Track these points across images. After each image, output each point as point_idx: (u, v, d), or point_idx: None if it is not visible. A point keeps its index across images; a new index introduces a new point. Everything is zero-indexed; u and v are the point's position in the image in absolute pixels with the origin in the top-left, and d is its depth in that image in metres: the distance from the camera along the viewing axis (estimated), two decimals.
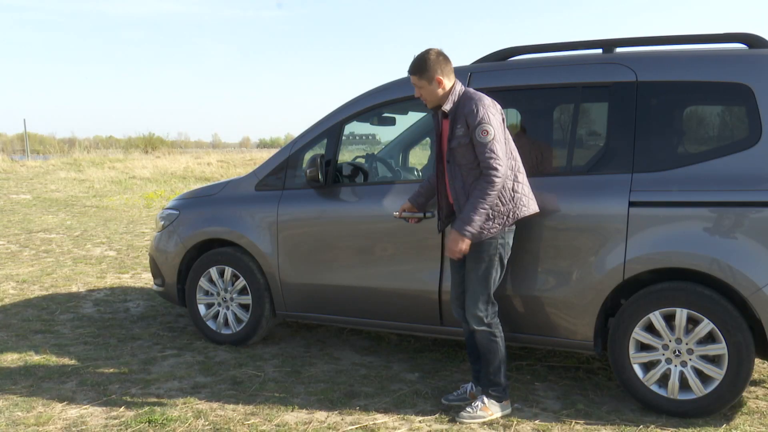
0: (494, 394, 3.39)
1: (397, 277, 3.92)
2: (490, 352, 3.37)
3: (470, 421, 3.31)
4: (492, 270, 3.30)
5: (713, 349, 3.23)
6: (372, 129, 4.83)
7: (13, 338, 4.71)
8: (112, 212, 12.36)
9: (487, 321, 3.33)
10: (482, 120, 3.13)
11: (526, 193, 3.32)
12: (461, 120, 3.21)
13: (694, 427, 3.24)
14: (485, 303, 3.32)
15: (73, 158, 23.59)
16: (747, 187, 3.16)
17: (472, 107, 3.17)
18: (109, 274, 6.99)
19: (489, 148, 3.12)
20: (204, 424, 3.32)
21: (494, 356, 3.37)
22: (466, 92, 3.28)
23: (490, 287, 3.32)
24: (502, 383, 3.40)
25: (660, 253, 3.30)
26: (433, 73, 3.23)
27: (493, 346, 3.36)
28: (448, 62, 3.29)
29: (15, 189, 16.13)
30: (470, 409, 3.35)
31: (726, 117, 3.54)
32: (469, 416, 3.33)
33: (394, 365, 4.18)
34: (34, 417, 3.39)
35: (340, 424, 3.32)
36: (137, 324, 5.13)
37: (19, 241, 8.97)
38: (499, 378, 3.39)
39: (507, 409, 3.41)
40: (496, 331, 3.36)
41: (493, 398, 3.38)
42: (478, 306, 3.31)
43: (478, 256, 3.29)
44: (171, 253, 4.68)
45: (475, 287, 3.32)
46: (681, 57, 3.45)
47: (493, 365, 3.38)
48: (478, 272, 3.30)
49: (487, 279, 3.30)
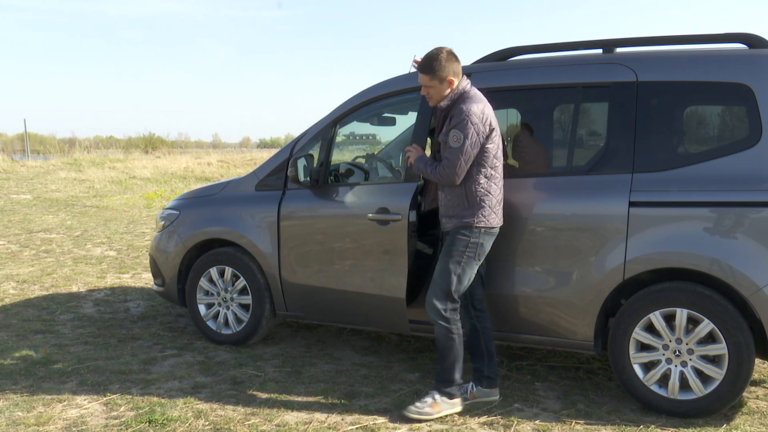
0: (446, 390, 3.39)
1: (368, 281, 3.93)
2: (445, 347, 3.38)
3: (417, 416, 3.32)
4: (458, 266, 3.31)
5: (713, 349, 3.23)
6: (372, 129, 4.84)
7: (13, 338, 4.71)
8: (113, 212, 12.36)
9: (446, 315, 3.34)
10: (458, 125, 3.19)
11: (492, 206, 3.33)
12: (450, 118, 3.28)
13: (695, 427, 3.24)
14: (444, 296, 3.33)
15: (74, 158, 23.60)
16: (747, 187, 3.16)
17: (457, 112, 3.22)
18: (110, 274, 6.99)
19: (454, 154, 3.22)
20: (204, 424, 3.32)
21: (449, 352, 3.37)
22: (465, 93, 3.29)
23: (451, 282, 3.31)
24: (455, 381, 3.41)
25: (660, 253, 3.30)
26: (446, 74, 3.26)
27: (450, 343, 3.37)
28: (458, 62, 3.31)
29: (15, 189, 16.13)
30: (419, 404, 3.36)
31: (726, 117, 3.54)
32: (417, 411, 3.33)
33: (394, 365, 4.18)
34: (34, 417, 3.39)
35: (340, 424, 3.32)
36: (137, 324, 5.13)
37: (20, 241, 8.97)
38: (452, 375, 3.40)
39: (458, 407, 3.41)
40: (453, 327, 3.36)
41: (445, 395, 3.38)
42: (437, 296, 3.33)
43: (450, 248, 3.33)
44: (171, 253, 4.68)
45: (438, 278, 3.35)
46: (681, 57, 3.45)
47: (447, 361, 3.39)
48: (444, 263, 3.34)
49: (449, 273, 3.31)
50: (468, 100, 3.25)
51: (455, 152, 3.20)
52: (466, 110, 3.20)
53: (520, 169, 3.83)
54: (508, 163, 3.92)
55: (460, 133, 3.18)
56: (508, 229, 3.58)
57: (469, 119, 3.18)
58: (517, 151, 3.93)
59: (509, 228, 3.58)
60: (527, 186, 3.63)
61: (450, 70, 3.26)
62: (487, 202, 3.30)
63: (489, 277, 3.65)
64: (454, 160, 3.21)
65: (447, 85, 3.28)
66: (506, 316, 3.69)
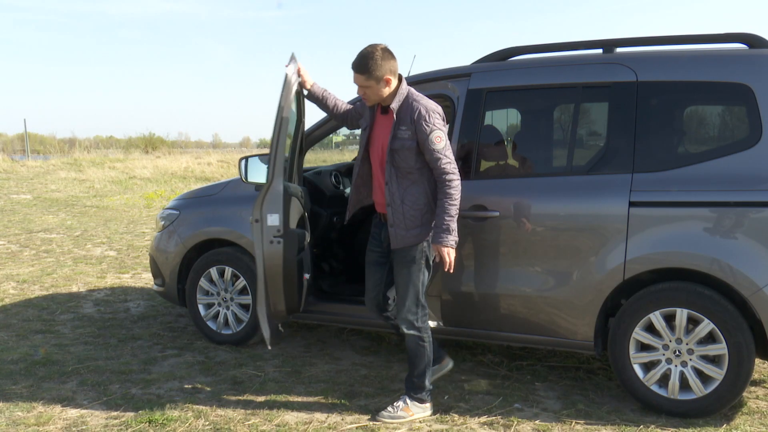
0: (417, 396, 3.40)
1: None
2: (416, 356, 3.38)
3: (390, 420, 3.32)
4: (419, 273, 3.28)
5: (713, 349, 3.23)
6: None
7: (13, 338, 4.71)
8: (113, 212, 12.36)
9: (418, 325, 3.33)
10: (434, 126, 3.11)
11: None
12: (407, 122, 3.14)
13: (695, 427, 3.24)
14: (415, 306, 3.31)
15: (74, 158, 23.58)
16: (747, 187, 3.16)
17: (422, 113, 3.12)
18: (110, 274, 6.99)
19: (444, 154, 3.13)
20: (204, 424, 3.32)
21: (420, 360, 3.38)
22: (413, 93, 3.22)
23: (419, 290, 3.30)
24: (426, 387, 3.41)
25: (660, 253, 3.30)
26: (382, 73, 3.12)
27: (420, 351, 3.37)
28: (395, 59, 3.17)
29: (15, 189, 16.13)
30: (391, 408, 3.37)
31: (726, 117, 3.54)
32: (390, 416, 3.34)
33: (394, 365, 4.18)
34: (34, 417, 3.39)
35: (340, 424, 3.32)
36: (137, 324, 5.13)
37: (20, 241, 8.97)
38: (423, 382, 3.40)
39: (428, 412, 3.41)
40: (425, 335, 3.36)
41: (416, 400, 3.39)
42: (409, 309, 3.31)
43: (405, 261, 3.28)
44: (171, 253, 4.68)
45: (404, 292, 3.31)
46: (681, 57, 3.45)
47: (418, 369, 3.39)
48: (406, 277, 3.29)
49: (415, 283, 3.29)
50: (422, 100, 3.18)
51: (446, 149, 3.15)
52: (431, 108, 3.15)
53: (519, 169, 3.84)
54: (508, 162, 3.93)
55: (439, 131, 3.12)
56: (508, 228, 3.59)
57: (437, 116, 3.14)
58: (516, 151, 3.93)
59: (509, 228, 3.58)
60: (527, 186, 3.63)
61: (386, 69, 3.12)
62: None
63: (489, 277, 3.65)
64: (450, 156, 3.16)
65: (384, 84, 3.15)
66: (506, 316, 3.69)
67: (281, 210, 3.45)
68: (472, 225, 3.65)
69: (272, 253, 3.46)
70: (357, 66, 3.16)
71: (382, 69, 3.12)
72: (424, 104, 3.15)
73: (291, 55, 3.41)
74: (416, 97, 3.19)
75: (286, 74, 3.36)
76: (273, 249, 3.46)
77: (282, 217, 3.46)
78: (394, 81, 3.17)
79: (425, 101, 3.17)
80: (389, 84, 3.17)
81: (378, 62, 3.11)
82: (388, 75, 3.14)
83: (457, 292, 3.76)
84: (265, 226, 3.44)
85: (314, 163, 7.54)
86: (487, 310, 3.72)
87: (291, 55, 3.41)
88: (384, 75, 3.13)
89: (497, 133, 3.98)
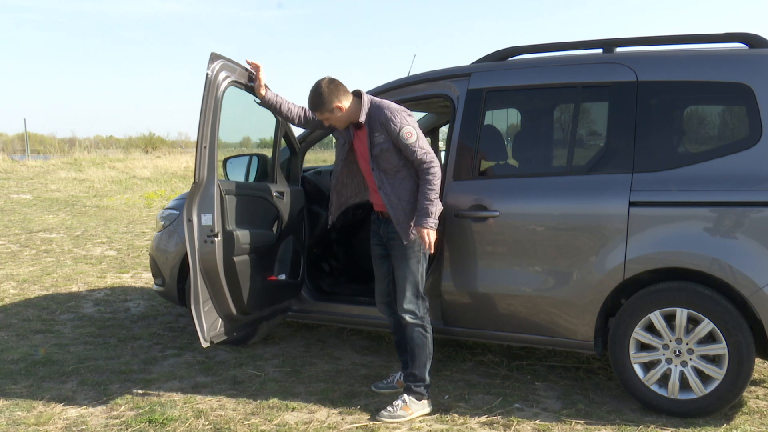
0: (416, 390, 3.43)
1: None
2: (418, 346, 3.44)
3: (390, 420, 3.35)
4: (418, 265, 3.39)
5: (713, 349, 3.23)
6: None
7: (13, 338, 4.71)
8: (113, 212, 12.36)
9: (420, 315, 3.42)
10: (402, 124, 3.25)
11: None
12: (378, 128, 3.30)
13: (695, 426, 3.24)
14: (415, 297, 3.41)
15: (74, 158, 23.57)
16: (747, 186, 3.15)
17: (387, 115, 3.27)
18: (110, 273, 6.99)
19: (418, 146, 3.25)
20: (204, 423, 3.32)
21: (422, 351, 3.44)
22: (374, 102, 3.36)
23: (418, 282, 3.40)
24: (426, 380, 3.46)
25: (660, 253, 3.29)
26: (330, 104, 3.31)
27: (422, 341, 3.44)
28: (340, 86, 3.34)
29: (15, 189, 16.13)
30: (390, 408, 3.40)
31: (726, 117, 3.54)
32: (389, 415, 3.37)
33: (394, 365, 4.18)
34: (34, 417, 3.39)
35: (340, 423, 3.32)
36: (137, 324, 5.13)
37: (20, 241, 8.98)
38: (423, 374, 3.45)
39: (427, 409, 3.44)
40: (427, 326, 3.46)
41: (414, 395, 3.42)
42: (410, 300, 3.41)
43: (403, 253, 3.38)
44: (171, 252, 4.67)
45: (404, 283, 3.41)
46: (681, 57, 3.45)
47: (419, 360, 3.45)
48: (405, 269, 3.40)
49: (414, 274, 3.39)
50: (383, 104, 3.32)
51: (418, 141, 3.26)
52: (393, 110, 3.28)
53: (519, 169, 3.84)
54: (508, 162, 3.93)
55: (408, 127, 3.26)
56: (508, 228, 3.58)
57: (402, 114, 3.27)
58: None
59: (509, 228, 3.58)
60: (527, 186, 3.63)
61: (333, 99, 3.30)
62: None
63: (489, 277, 3.65)
64: (424, 146, 3.27)
65: (338, 111, 3.33)
66: (506, 316, 3.69)
67: (214, 209, 3.46)
68: (472, 225, 3.65)
69: (207, 253, 3.47)
70: (310, 105, 3.38)
71: (328, 102, 3.31)
72: (386, 107, 3.31)
73: (210, 55, 3.41)
74: (379, 104, 3.35)
75: (207, 75, 3.38)
76: (208, 248, 3.47)
77: (216, 216, 3.47)
78: (345, 104, 3.33)
79: (387, 104, 3.33)
80: (342, 110, 3.34)
81: (324, 97, 3.31)
82: (337, 103, 3.32)
83: (457, 292, 3.76)
84: (198, 226, 3.45)
85: (314, 163, 7.54)
86: (487, 309, 3.71)
87: (210, 55, 3.41)
88: (333, 105, 3.32)
89: (497, 133, 3.98)
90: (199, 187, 3.45)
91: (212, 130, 3.43)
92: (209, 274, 3.50)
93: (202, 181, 3.44)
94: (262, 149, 4.47)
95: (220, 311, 3.62)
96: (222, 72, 3.45)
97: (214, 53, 3.42)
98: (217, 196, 3.47)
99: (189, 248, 3.43)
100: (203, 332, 3.48)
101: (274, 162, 4.15)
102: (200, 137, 3.40)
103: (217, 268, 3.49)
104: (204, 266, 3.48)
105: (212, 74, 3.39)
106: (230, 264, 3.57)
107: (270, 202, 3.99)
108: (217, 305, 3.60)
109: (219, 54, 3.46)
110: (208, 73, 3.37)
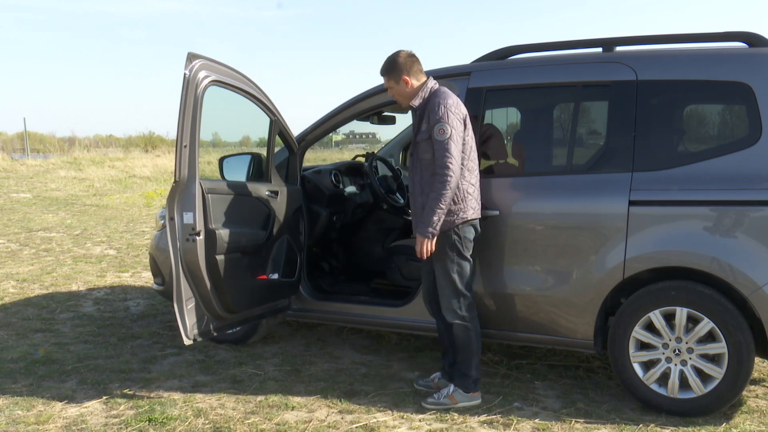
0: (463, 383, 3.46)
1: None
2: (462, 344, 3.47)
3: (434, 407, 3.41)
4: (453, 264, 3.39)
5: (713, 348, 3.23)
6: (373, 128, 4.86)
7: (13, 337, 4.71)
8: (112, 211, 12.36)
9: (461, 313, 3.43)
10: (441, 118, 3.24)
11: (476, 198, 3.42)
12: (426, 116, 3.31)
13: (694, 426, 3.24)
14: (455, 296, 3.41)
15: (73, 157, 23.54)
16: (747, 186, 3.15)
17: (435, 105, 3.28)
18: (109, 272, 6.98)
19: (444, 146, 3.23)
20: (204, 422, 3.32)
21: (466, 348, 3.46)
22: (436, 90, 3.37)
23: (455, 281, 3.40)
24: (473, 375, 3.48)
25: (660, 252, 3.30)
26: (400, 74, 3.37)
27: (467, 338, 3.45)
28: (417, 62, 3.41)
29: (15, 188, 16.12)
30: (436, 395, 3.46)
31: (726, 116, 3.54)
32: (434, 402, 3.43)
33: (394, 364, 4.18)
34: (34, 416, 3.39)
35: (340, 423, 3.32)
36: (137, 323, 5.13)
37: (19, 240, 8.97)
38: (470, 370, 3.47)
39: (474, 401, 3.47)
40: (470, 324, 3.45)
41: (461, 387, 3.46)
42: (448, 300, 3.43)
43: (437, 253, 3.38)
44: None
45: (441, 282, 3.45)
46: (681, 56, 3.45)
47: (464, 357, 3.47)
48: (440, 269, 3.43)
49: (449, 273, 3.39)
50: (440, 94, 3.33)
51: (447, 142, 3.24)
52: (443, 102, 3.28)
53: (519, 168, 3.83)
54: (507, 161, 3.92)
55: (444, 124, 3.24)
56: (508, 228, 3.58)
57: (448, 109, 3.26)
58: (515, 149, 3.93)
59: (509, 227, 3.58)
60: (527, 185, 3.63)
61: (404, 70, 3.36)
62: (472, 194, 3.37)
63: (489, 276, 3.65)
64: (451, 150, 3.23)
65: (404, 85, 3.38)
66: (506, 315, 3.69)
67: (195, 208, 3.47)
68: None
69: (189, 251, 3.49)
70: (382, 68, 3.45)
71: (399, 71, 3.37)
72: (440, 95, 3.32)
73: (188, 55, 3.42)
74: (436, 92, 3.36)
75: (185, 74, 3.38)
76: (189, 247, 3.49)
77: (198, 215, 3.48)
78: (413, 82, 3.38)
79: (443, 94, 3.34)
80: (409, 84, 3.38)
81: (397, 65, 3.38)
82: (406, 76, 3.37)
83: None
84: (180, 224, 3.46)
85: (314, 162, 7.55)
86: (486, 308, 3.72)
87: (188, 55, 3.42)
88: (402, 76, 3.37)
89: (497, 132, 3.98)
90: (180, 186, 3.47)
91: (192, 129, 3.44)
92: (192, 272, 3.53)
93: (182, 180, 3.46)
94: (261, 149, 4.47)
95: (205, 309, 3.63)
96: (201, 71, 3.46)
97: (191, 53, 3.43)
98: (198, 195, 3.49)
99: (171, 246, 3.45)
100: (185, 329, 3.52)
101: (268, 161, 4.15)
102: (180, 136, 3.41)
103: (200, 266, 3.51)
104: (187, 265, 3.51)
105: (190, 74, 3.39)
106: (213, 262, 3.58)
107: (260, 201, 3.99)
108: (201, 303, 3.61)
109: (198, 54, 3.47)
110: (186, 73, 3.38)
